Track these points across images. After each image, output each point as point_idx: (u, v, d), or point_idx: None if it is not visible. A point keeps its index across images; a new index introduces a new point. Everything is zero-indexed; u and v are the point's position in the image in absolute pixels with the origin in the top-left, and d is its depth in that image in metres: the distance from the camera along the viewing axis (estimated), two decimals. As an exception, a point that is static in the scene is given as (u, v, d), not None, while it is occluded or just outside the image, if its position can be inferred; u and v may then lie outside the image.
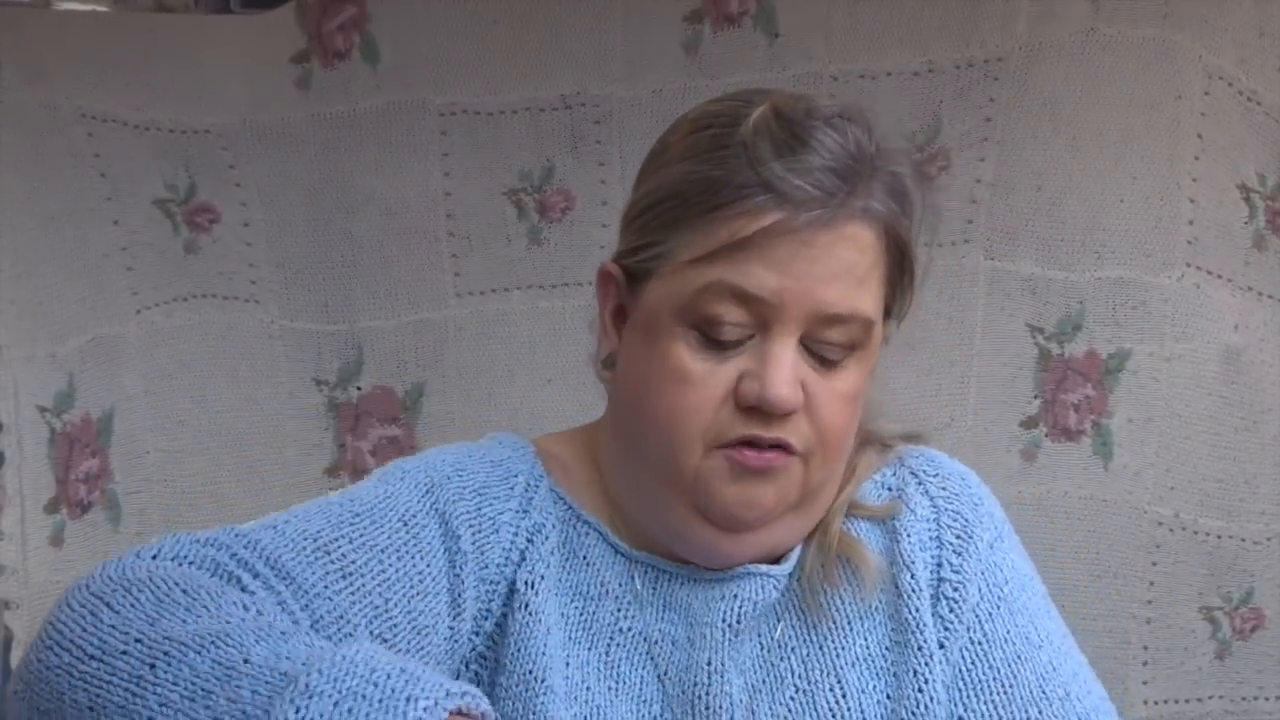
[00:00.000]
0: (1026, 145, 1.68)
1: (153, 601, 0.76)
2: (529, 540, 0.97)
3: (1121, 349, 1.71)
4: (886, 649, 0.95)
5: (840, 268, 0.89)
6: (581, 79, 1.68)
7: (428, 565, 0.91)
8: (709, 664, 0.94)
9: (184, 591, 0.76)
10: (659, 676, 0.95)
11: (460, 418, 1.70)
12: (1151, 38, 1.67)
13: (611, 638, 0.96)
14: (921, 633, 0.94)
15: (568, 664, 0.95)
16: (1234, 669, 1.74)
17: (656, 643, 0.95)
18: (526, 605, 0.94)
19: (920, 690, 0.92)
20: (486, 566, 0.95)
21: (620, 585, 0.97)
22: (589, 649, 0.96)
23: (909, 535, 0.97)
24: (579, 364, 1.56)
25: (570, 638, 0.96)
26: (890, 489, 1.01)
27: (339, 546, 0.89)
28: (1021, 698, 0.93)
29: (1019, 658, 0.94)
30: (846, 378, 0.93)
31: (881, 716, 0.93)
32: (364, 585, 0.88)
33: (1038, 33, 1.67)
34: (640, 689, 0.95)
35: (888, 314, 0.98)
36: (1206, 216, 1.71)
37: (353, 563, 0.88)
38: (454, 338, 1.70)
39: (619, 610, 0.97)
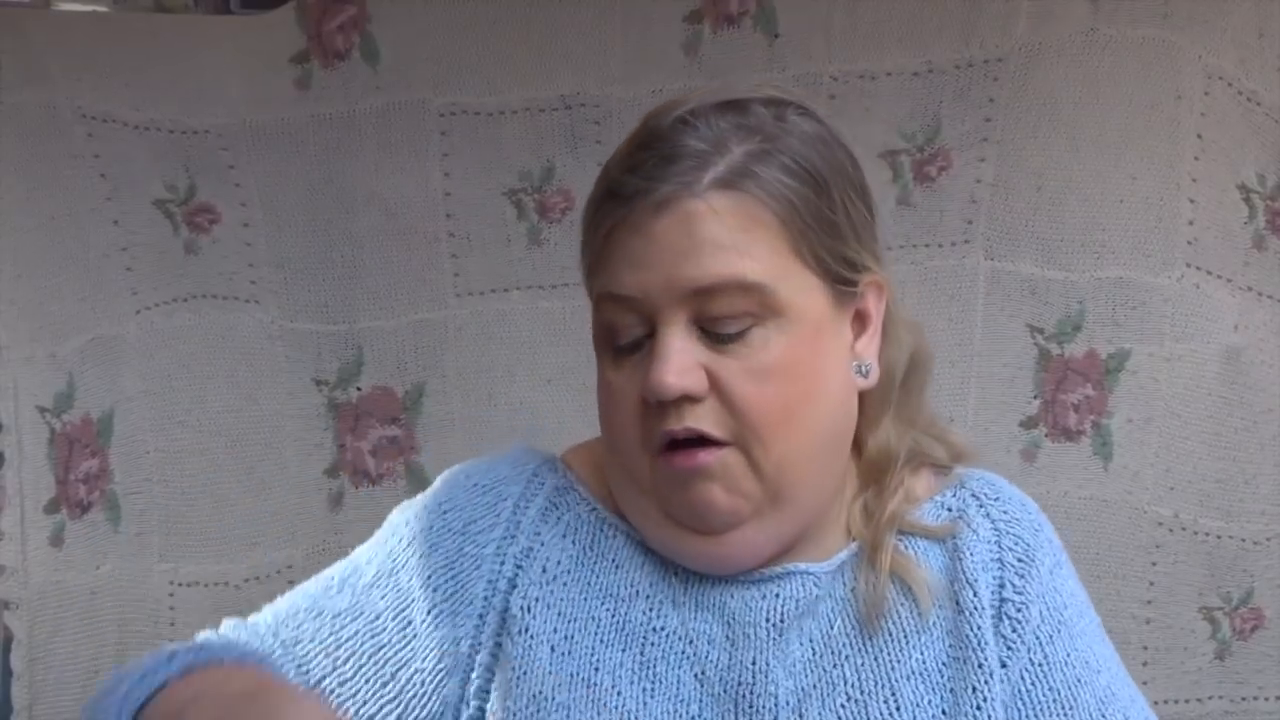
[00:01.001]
0: (1026, 145, 1.68)
1: None
2: (518, 566, 0.97)
3: (1121, 349, 1.71)
4: (944, 664, 0.93)
5: (694, 243, 0.88)
6: (581, 79, 1.68)
7: (406, 641, 0.96)
8: (754, 663, 0.93)
9: None
10: (696, 676, 0.94)
11: (460, 418, 1.70)
12: (1151, 38, 1.67)
13: (645, 637, 0.95)
14: (982, 650, 0.92)
15: (597, 669, 0.94)
16: (1234, 669, 1.74)
17: (693, 642, 0.94)
18: (526, 629, 0.95)
19: (979, 708, 0.91)
20: (471, 603, 0.96)
21: (652, 585, 0.96)
22: (623, 650, 0.94)
23: (971, 554, 0.95)
24: (579, 364, 1.56)
25: (602, 641, 0.95)
26: (950, 509, 0.98)
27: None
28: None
29: (1079, 681, 0.94)
30: (762, 352, 0.89)
31: None
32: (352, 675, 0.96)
33: (1037, 33, 1.67)
34: (678, 689, 0.93)
35: (838, 278, 0.94)
36: (1206, 216, 1.71)
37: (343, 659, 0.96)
38: (454, 338, 1.70)
39: (652, 610, 0.96)
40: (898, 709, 0.91)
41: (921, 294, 1.70)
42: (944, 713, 0.92)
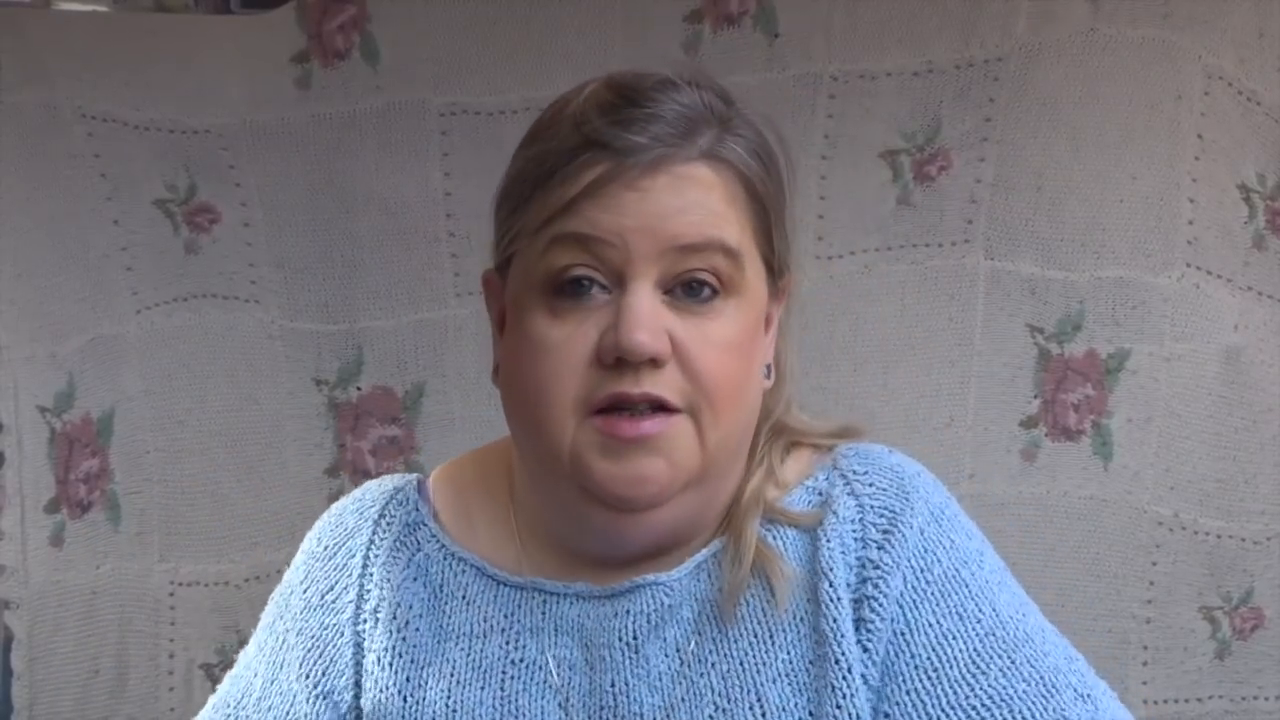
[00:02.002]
0: (1026, 145, 1.68)
1: None
2: (366, 621, 0.97)
3: (1121, 349, 1.71)
4: (810, 663, 0.89)
5: (683, 203, 0.87)
6: (581, 79, 1.67)
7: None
8: (612, 685, 0.90)
9: None
10: (560, 704, 0.91)
11: (460, 418, 1.70)
12: (1151, 38, 1.67)
13: (505, 671, 0.92)
14: (839, 644, 0.88)
15: (454, 712, 0.92)
16: (1234, 669, 1.74)
17: (554, 670, 0.92)
18: (377, 682, 0.94)
19: (839, 706, 0.87)
20: (343, 673, 0.96)
21: (506, 617, 0.94)
22: (482, 688, 0.92)
23: (829, 540, 0.91)
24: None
25: (458, 682, 0.92)
26: (820, 493, 0.94)
27: None
28: (951, 678, 0.87)
29: (948, 636, 0.88)
30: (722, 325, 0.88)
31: None
32: None
33: (1037, 33, 1.67)
34: None
35: (775, 272, 0.94)
36: (1206, 216, 1.71)
37: None
38: (454, 338, 1.70)
39: (509, 642, 0.93)
40: (764, 714, 0.88)
41: (921, 294, 1.70)
42: (810, 714, 0.88)
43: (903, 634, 0.89)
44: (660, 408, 0.87)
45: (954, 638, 0.88)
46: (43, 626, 1.70)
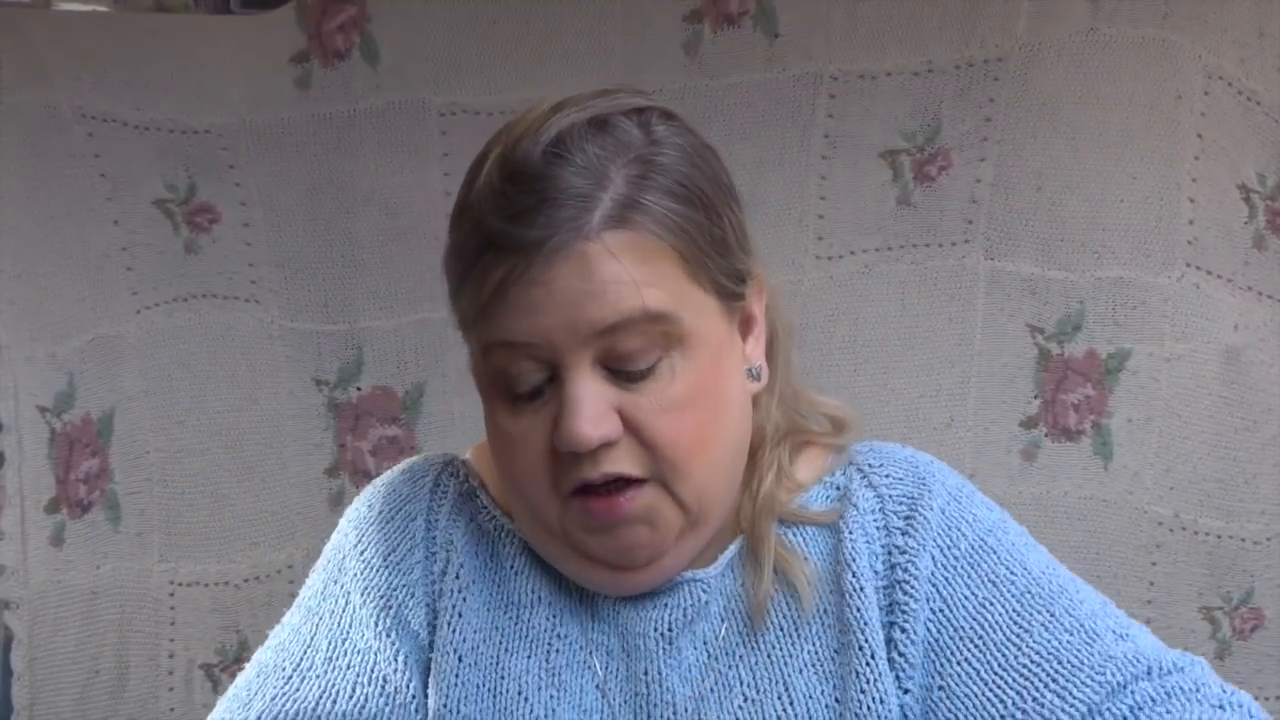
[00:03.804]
0: (1026, 145, 1.68)
1: None
2: (436, 583, 0.97)
3: (1121, 349, 1.71)
4: (835, 652, 0.91)
5: (593, 285, 0.84)
6: (581, 79, 1.68)
7: (391, 696, 0.95)
8: (646, 674, 0.93)
9: None
10: (598, 686, 0.93)
11: (460, 418, 1.70)
12: (1151, 38, 1.67)
13: (550, 644, 0.94)
14: (863, 632, 0.90)
15: (503, 678, 0.93)
16: (1234, 669, 1.74)
17: (593, 652, 0.94)
18: (442, 640, 0.95)
19: (863, 691, 0.89)
20: (419, 634, 0.96)
21: (551, 593, 0.96)
22: (528, 657, 0.94)
23: (852, 532, 0.93)
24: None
25: (506, 649, 0.94)
26: (839, 489, 0.96)
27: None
28: (997, 642, 0.88)
29: (986, 603, 0.90)
30: (669, 383, 0.87)
31: None
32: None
33: (1037, 33, 1.67)
34: (581, 697, 0.93)
35: (729, 294, 0.92)
36: (1206, 216, 1.71)
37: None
38: (454, 338, 1.67)
39: (554, 616, 0.95)
40: (791, 704, 0.90)
41: (921, 294, 1.70)
42: (836, 700, 0.90)
43: (941, 610, 0.90)
44: (626, 480, 0.88)
45: (992, 603, 0.90)
46: (43, 626, 1.70)
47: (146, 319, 1.69)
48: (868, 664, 0.89)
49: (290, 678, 0.95)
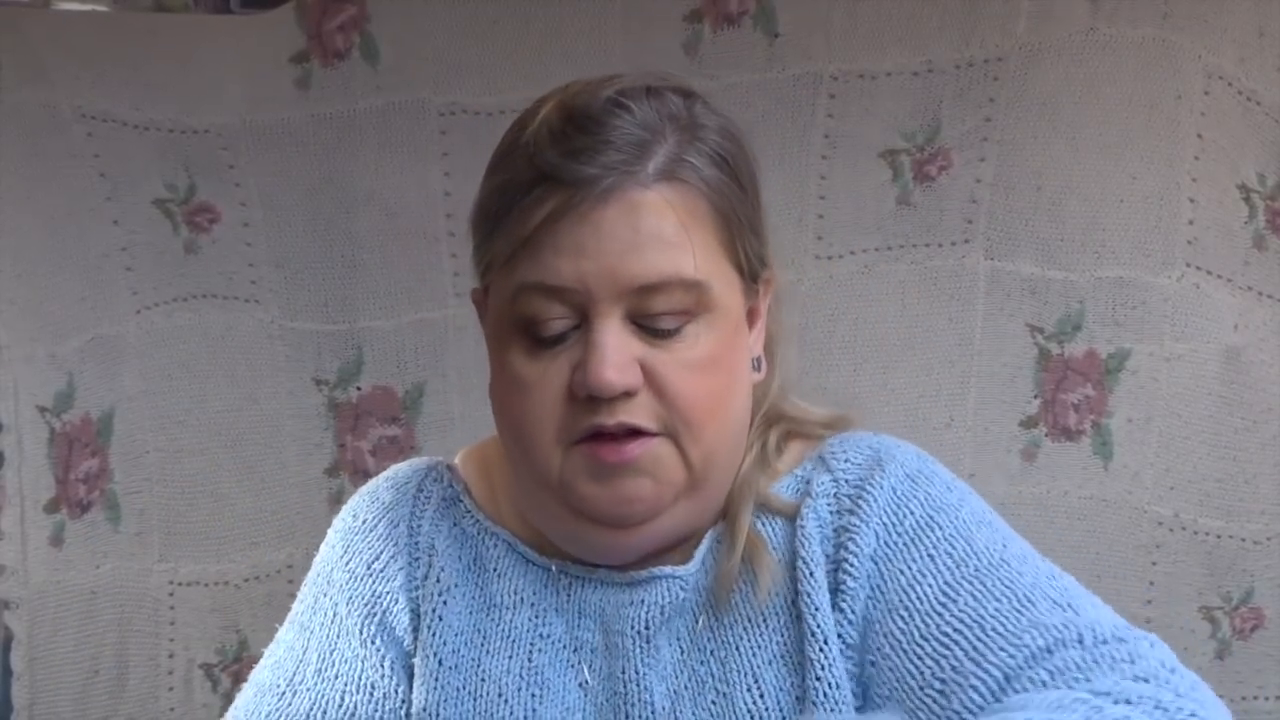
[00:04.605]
0: (1026, 145, 1.68)
1: None
2: (419, 588, 0.98)
3: (1121, 349, 1.71)
4: (795, 642, 0.91)
5: (640, 237, 0.86)
6: (582, 79, 1.68)
7: (379, 702, 0.97)
8: (624, 673, 0.93)
9: None
10: (581, 685, 0.94)
11: (460, 418, 1.70)
12: (1151, 38, 1.67)
13: (533, 644, 0.95)
14: (814, 617, 0.89)
15: (483, 680, 0.94)
16: (1234, 669, 1.74)
17: (577, 650, 0.95)
18: (422, 643, 0.96)
19: (818, 678, 0.88)
20: (403, 640, 0.97)
21: (535, 594, 0.97)
22: (510, 658, 0.95)
23: (804, 521, 0.93)
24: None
25: (488, 652, 0.95)
26: (805, 480, 0.96)
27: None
28: (922, 611, 0.86)
29: (919, 576, 0.87)
30: (693, 345, 0.89)
31: (799, 711, 0.90)
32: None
33: (1037, 33, 1.67)
34: (564, 695, 0.94)
35: (746, 274, 0.94)
36: (1206, 216, 1.71)
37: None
38: (454, 338, 1.70)
39: (537, 617, 0.96)
40: (761, 696, 0.90)
41: (921, 294, 1.70)
42: (800, 687, 0.90)
43: (878, 587, 0.89)
44: (638, 432, 0.89)
45: (924, 575, 0.88)
46: (43, 626, 1.70)
47: (146, 319, 1.69)
48: (821, 649, 0.89)
49: (284, 694, 0.97)
